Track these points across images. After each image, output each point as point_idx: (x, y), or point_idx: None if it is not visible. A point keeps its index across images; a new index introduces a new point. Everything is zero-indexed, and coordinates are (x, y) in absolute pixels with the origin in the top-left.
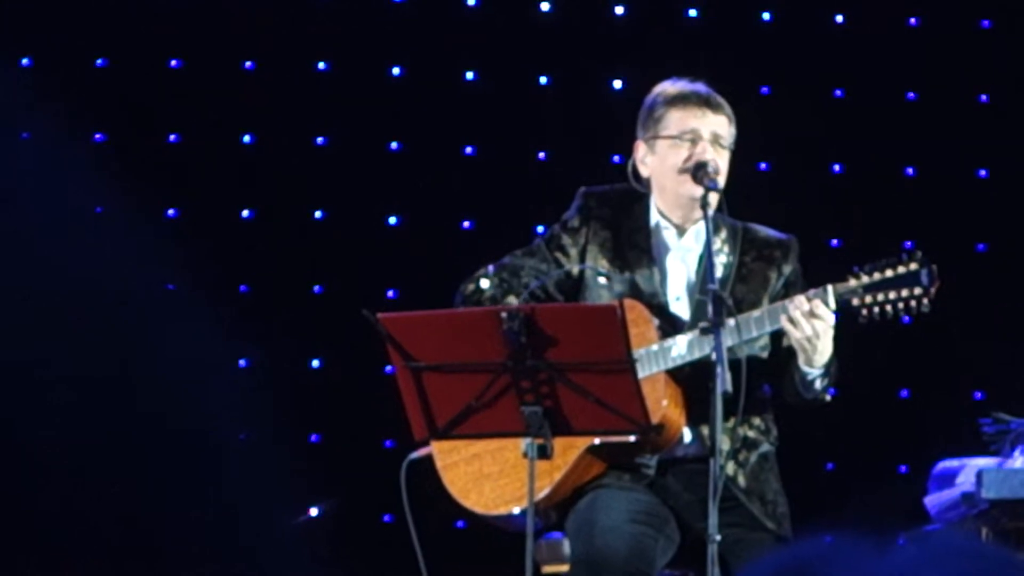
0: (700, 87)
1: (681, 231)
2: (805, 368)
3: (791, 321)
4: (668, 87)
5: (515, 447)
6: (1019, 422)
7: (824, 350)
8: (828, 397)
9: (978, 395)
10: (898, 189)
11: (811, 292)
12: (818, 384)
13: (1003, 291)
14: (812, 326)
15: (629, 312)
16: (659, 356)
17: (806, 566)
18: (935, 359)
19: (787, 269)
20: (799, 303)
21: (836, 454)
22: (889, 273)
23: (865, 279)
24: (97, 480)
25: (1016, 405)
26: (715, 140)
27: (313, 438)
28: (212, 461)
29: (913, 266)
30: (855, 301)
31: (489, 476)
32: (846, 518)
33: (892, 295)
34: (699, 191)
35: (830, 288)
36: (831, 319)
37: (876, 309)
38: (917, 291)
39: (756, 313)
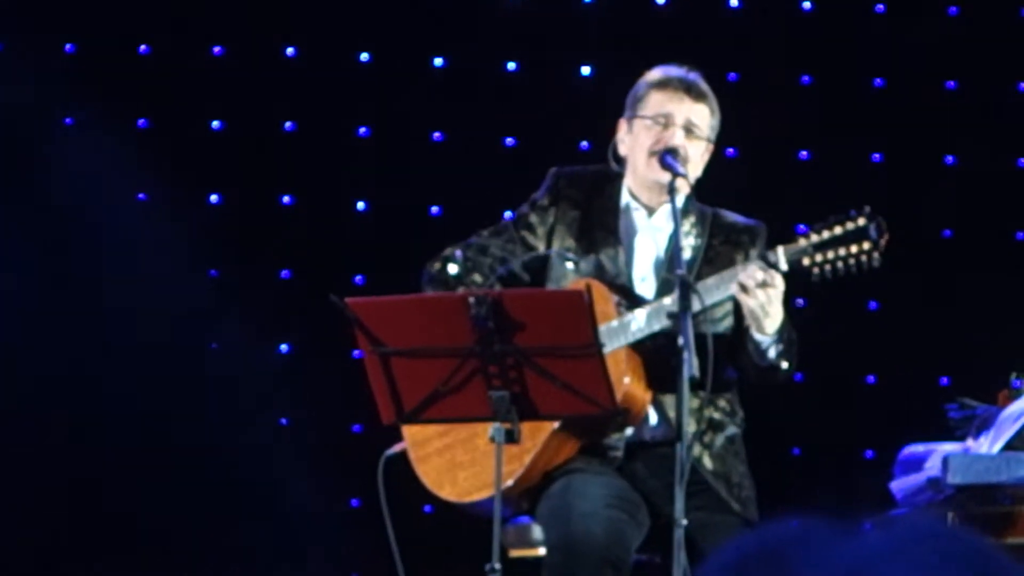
0: (688, 75)
1: (651, 212)
2: (758, 336)
3: (743, 289)
4: (657, 72)
5: (486, 434)
6: (985, 408)
7: (775, 315)
8: (785, 366)
9: (944, 380)
10: (865, 176)
11: (760, 254)
12: (772, 352)
13: (969, 277)
14: (765, 293)
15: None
16: (619, 331)
17: (771, 552)
18: (901, 345)
19: (754, 253)
20: (751, 272)
21: (803, 439)
22: (838, 230)
23: (814, 237)
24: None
25: (982, 391)
26: (689, 127)
27: (282, 422)
28: (184, 444)
29: (861, 221)
30: (805, 260)
31: (461, 465)
32: (812, 502)
33: (842, 251)
34: (666, 177)
35: (780, 249)
36: (781, 285)
37: (828, 267)
38: (866, 245)
39: (711, 280)
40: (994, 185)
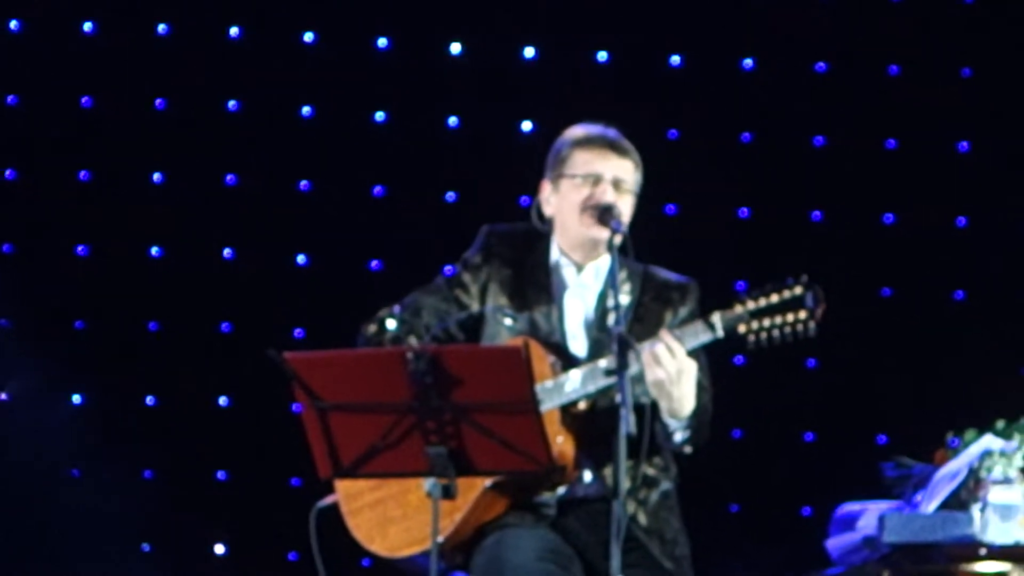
0: (609, 132)
1: (580, 268)
2: (667, 419)
3: (654, 358)
4: (578, 130)
5: (418, 489)
6: (921, 467)
7: (683, 398)
8: (689, 450)
9: (881, 439)
10: (804, 233)
11: (696, 324)
12: (678, 436)
13: (907, 336)
14: (667, 368)
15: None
16: (554, 392)
17: None
18: (839, 403)
19: (683, 311)
20: (662, 336)
21: (740, 496)
22: (775, 298)
23: (751, 304)
24: None
25: (918, 449)
26: (617, 184)
27: (220, 476)
28: (115, 499)
29: (798, 290)
30: (742, 328)
31: (393, 520)
32: (749, 559)
33: (779, 319)
34: (605, 233)
35: (716, 315)
36: (691, 366)
37: (764, 335)
38: (803, 314)
39: (641, 345)
40: (933, 244)
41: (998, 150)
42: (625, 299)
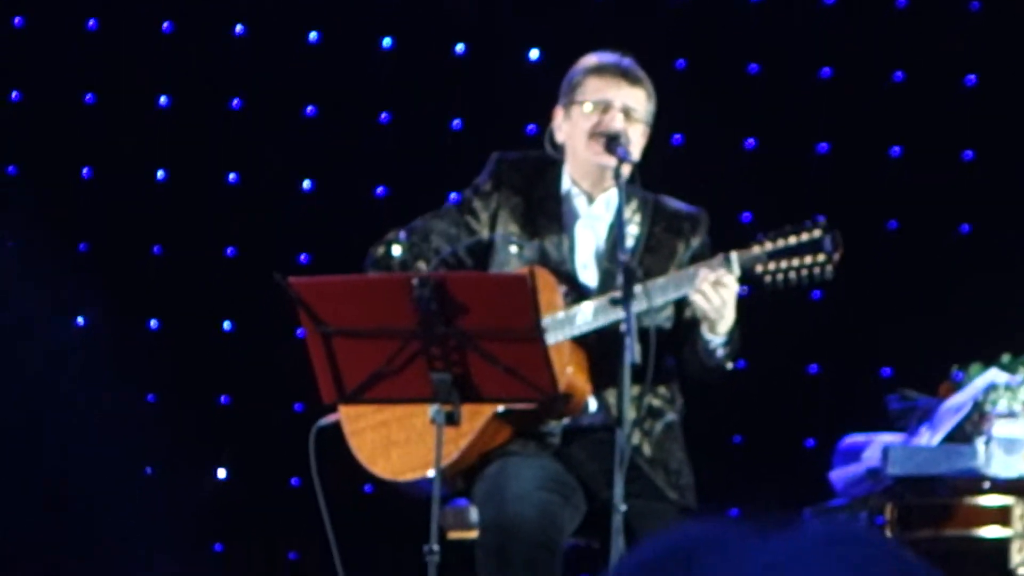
0: (623, 61)
1: (591, 199)
2: (708, 336)
3: (700, 293)
4: (592, 58)
5: (423, 414)
6: (925, 399)
7: (728, 318)
8: (730, 366)
9: (886, 372)
10: (811, 165)
11: (715, 260)
12: (720, 352)
13: (913, 269)
14: (720, 296)
15: (537, 279)
16: (565, 323)
17: (683, 553)
18: (844, 335)
19: (695, 241)
20: (704, 275)
21: (744, 427)
22: (792, 240)
23: (768, 246)
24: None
25: (923, 382)
26: (627, 112)
27: (223, 400)
28: (117, 422)
29: (816, 233)
30: (759, 268)
31: (396, 443)
32: (752, 490)
33: (796, 262)
34: (612, 161)
35: (734, 255)
36: (736, 288)
37: (780, 276)
38: (820, 258)
39: (661, 280)
40: (939, 177)
41: (1007, 83)
42: (635, 229)
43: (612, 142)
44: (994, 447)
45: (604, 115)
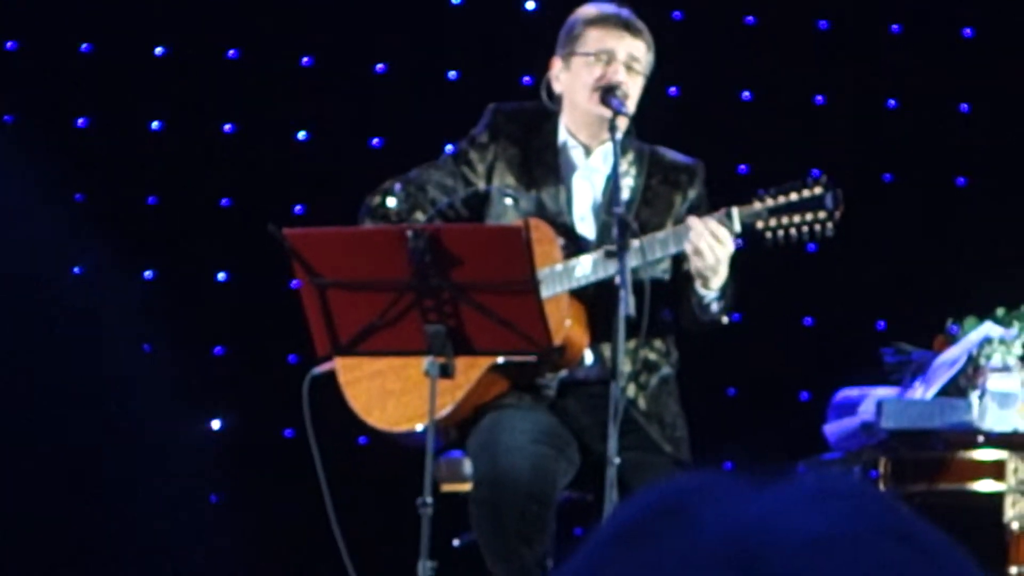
0: (623, 11)
1: (588, 151)
2: (702, 291)
3: (695, 250)
4: (591, 8)
5: (418, 365)
6: (920, 353)
7: (722, 274)
8: (725, 320)
9: (881, 325)
10: (807, 117)
11: (715, 215)
12: (714, 307)
13: (908, 221)
14: (715, 253)
15: (534, 231)
16: (563, 276)
17: (675, 505)
18: (839, 288)
19: (692, 193)
20: (701, 232)
21: (738, 379)
22: (794, 196)
23: (769, 202)
24: None
25: (918, 336)
26: (630, 63)
27: (217, 351)
28: (114, 371)
29: (818, 190)
30: (759, 224)
31: (392, 393)
32: (746, 443)
33: (796, 218)
34: (608, 113)
35: (735, 210)
36: (731, 246)
37: (780, 232)
38: (821, 215)
39: (660, 235)
40: (935, 129)
41: (1004, 35)
42: (631, 182)
43: (607, 93)
44: (988, 401)
45: (607, 67)
